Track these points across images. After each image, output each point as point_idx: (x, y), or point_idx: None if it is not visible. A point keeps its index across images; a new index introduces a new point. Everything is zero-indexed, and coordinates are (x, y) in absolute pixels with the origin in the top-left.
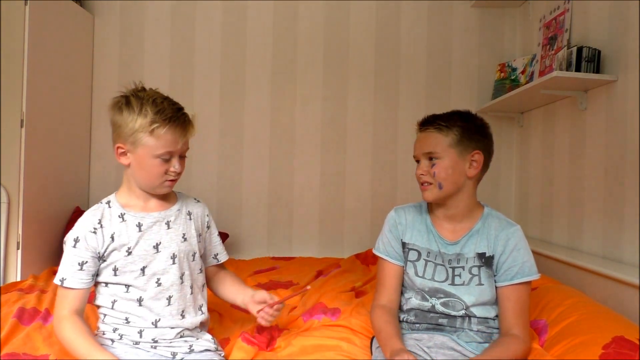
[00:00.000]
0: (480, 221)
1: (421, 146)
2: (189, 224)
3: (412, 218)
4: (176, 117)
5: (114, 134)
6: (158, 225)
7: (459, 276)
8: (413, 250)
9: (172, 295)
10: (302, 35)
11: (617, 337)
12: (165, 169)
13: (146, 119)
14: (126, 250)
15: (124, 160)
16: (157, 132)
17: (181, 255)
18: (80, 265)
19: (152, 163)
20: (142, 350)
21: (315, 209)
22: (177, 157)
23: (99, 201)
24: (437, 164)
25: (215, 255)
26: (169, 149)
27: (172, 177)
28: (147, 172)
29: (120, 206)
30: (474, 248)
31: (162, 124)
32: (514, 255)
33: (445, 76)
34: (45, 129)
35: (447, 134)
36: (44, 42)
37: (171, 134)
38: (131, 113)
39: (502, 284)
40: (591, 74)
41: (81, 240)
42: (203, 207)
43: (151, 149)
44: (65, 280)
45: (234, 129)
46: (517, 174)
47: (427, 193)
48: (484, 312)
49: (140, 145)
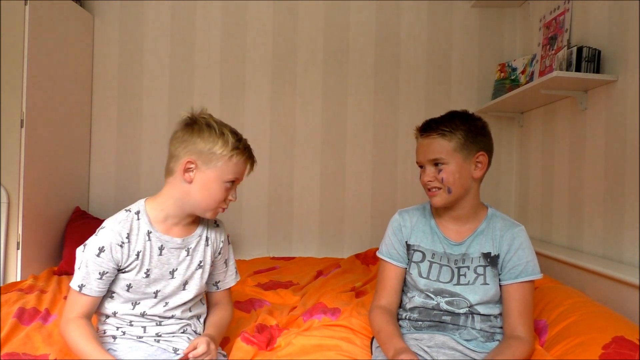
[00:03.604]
0: (485, 222)
1: (425, 153)
2: (206, 251)
3: (417, 220)
4: (250, 150)
5: (183, 149)
6: (178, 251)
7: (464, 276)
8: (418, 252)
9: (175, 315)
10: (302, 35)
11: (617, 337)
12: (226, 195)
13: (228, 144)
14: (145, 272)
15: (188, 177)
16: (236, 159)
17: (193, 282)
18: (101, 275)
19: (218, 187)
20: (146, 343)
21: (315, 209)
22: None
23: (126, 208)
24: (443, 169)
25: (217, 282)
26: (238, 176)
27: (227, 205)
28: (209, 194)
29: (148, 222)
30: (479, 248)
31: (242, 153)
32: (519, 254)
33: (445, 76)
34: (45, 129)
35: (451, 139)
36: (44, 42)
37: (243, 163)
38: (212, 134)
39: (507, 282)
40: (591, 74)
41: (107, 251)
42: (220, 232)
43: (223, 173)
44: (84, 287)
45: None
46: (517, 174)
47: (436, 199)
48: (487, 310)
49: (214, 167)
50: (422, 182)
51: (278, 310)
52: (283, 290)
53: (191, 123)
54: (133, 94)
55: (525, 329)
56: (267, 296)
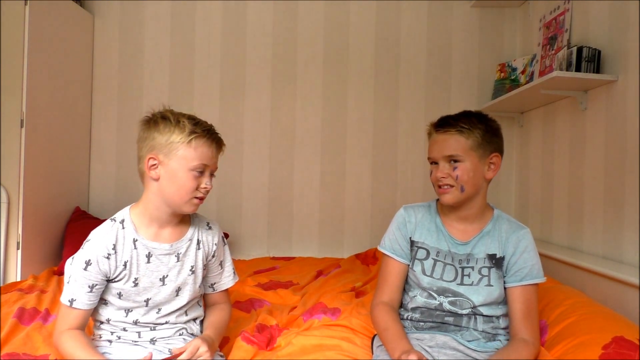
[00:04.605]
0: (491, 223)
1: (441, 148)
2: (197, 254)
3: (422, 217)
4: (212, 131)
5: (144, 148)
6: (168, 257)
7: (468, 276)
8: (422, 249)
9: (169, 321)
10: (302, 35)
11: (617, 337)
12: (197, 183)
13: (184, 130)
14: (133, 280)
15: (154, 174)
16: (195, 143)
17: (186, 288)
18: (90, 288)
19: (186, 176)
20: (141, 346)
21: (315, 209)
22: (209, 174)
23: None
24: (458, 167)
25: (212, 284)
26: (204, 161)
27: (202, 194)
28: (178, 186)
29: (134, 229)
30: (485, 249)
31: (200, 134)
32: (525, 257)
33: (445, 76)
34: (45, 129)
35: (469, 137)
36: (44, 42)
37: (207, 146)
38: (168, 125)
39: (512, 285)
40: (591, 74)
41: (93, 264)
42: (213, 234)
43: (187, 161)
44: (75, 301)
45: (234, 129)
46: (517, 174)
47: (447, 196)
48: (490, 311)
49: (176, 156)
50: (433, 179)
51: (278, 310)
52: (283, 290)
53: (148, 120)
54: (133, 94)
55: (530, 331)
56: (267, 296)
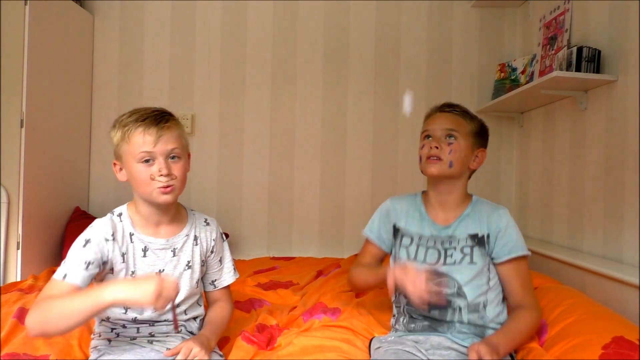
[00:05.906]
0: (470, 206)
1: (442, 123)
2: (194, 250)
3: (407, 205)
4: (148, 117)
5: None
6: (164, 252)
7: (451, 256)
8: (406, 236)
9: (168, 319)
10: (302, 35)
11: (617, 337)
12: (149, 173)
13: (121, 127)
14: (131, 274)
15: (121, 177)
16: (130, 135)
17: (183, 283)
18: (86, 265)
19: (137, 169)
20: (139, 345)
21: (315, 209)
22: (161, 158)
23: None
24: (454, 143)
25: (213, 281)
26: (144, 149)
27: (163, 182)
28: (137, 181)
29: (130, 224)
30: (466, 230)
31: (132, 125)
32: (509, 232)
33: (445, 76)
34: (45, 129)
35: (470, 122)
36: (44, 42)
37: (141, 134)
38: (113, 129)
39: (502, 259)
40: (591, 74)
41: (92, 242)
42: (211, 231)
43: (131, 155)
44: (67, 276)
45: (234, 129)
46: (517, 174)
47: (434, 167)
48: (474, 292)
49: (124, 154)
50: (422, 153)
51: (278, 310)
52: (283, 290)
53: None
54: (133, 94)
55: (530, 299)
56: (267, 296)
